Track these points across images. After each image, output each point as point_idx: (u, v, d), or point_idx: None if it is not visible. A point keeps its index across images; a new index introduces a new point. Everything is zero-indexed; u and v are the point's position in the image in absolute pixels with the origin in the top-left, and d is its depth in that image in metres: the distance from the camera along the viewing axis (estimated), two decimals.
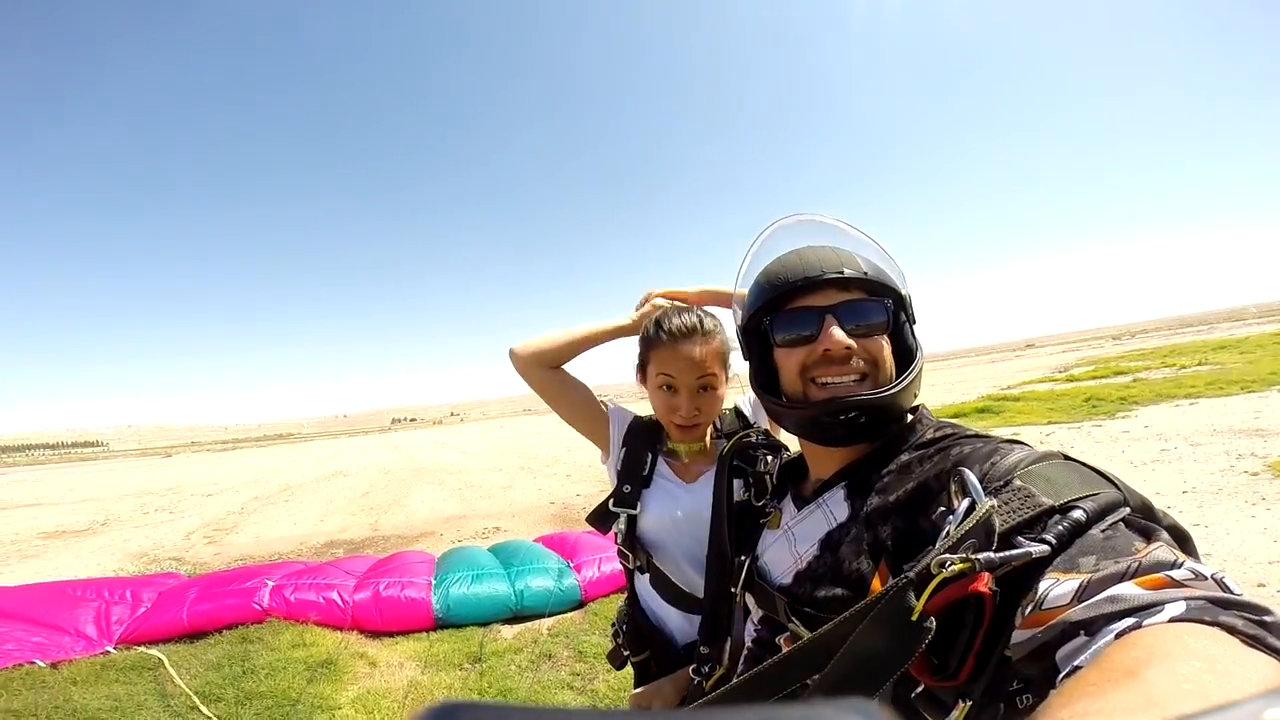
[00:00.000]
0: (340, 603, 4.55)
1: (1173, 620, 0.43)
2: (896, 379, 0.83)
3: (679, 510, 1.33)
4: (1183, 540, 0.58)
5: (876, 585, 0.73)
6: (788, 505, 0.96)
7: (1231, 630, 0.41)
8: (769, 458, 1.10)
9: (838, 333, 0.82)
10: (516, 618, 4.49)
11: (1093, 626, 0.47)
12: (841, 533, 0.81)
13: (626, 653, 1.40)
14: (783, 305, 0.89)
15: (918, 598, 0.57)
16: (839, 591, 0.77)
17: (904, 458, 0.80)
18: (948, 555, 0.56)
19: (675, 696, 1.19)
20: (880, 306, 0.85)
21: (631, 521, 1.36)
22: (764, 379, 0.94)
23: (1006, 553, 0.55)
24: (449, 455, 24.66)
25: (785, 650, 0.66)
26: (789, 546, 0.90)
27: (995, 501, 0.60)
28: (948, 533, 0.59)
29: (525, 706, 0.20)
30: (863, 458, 0.86)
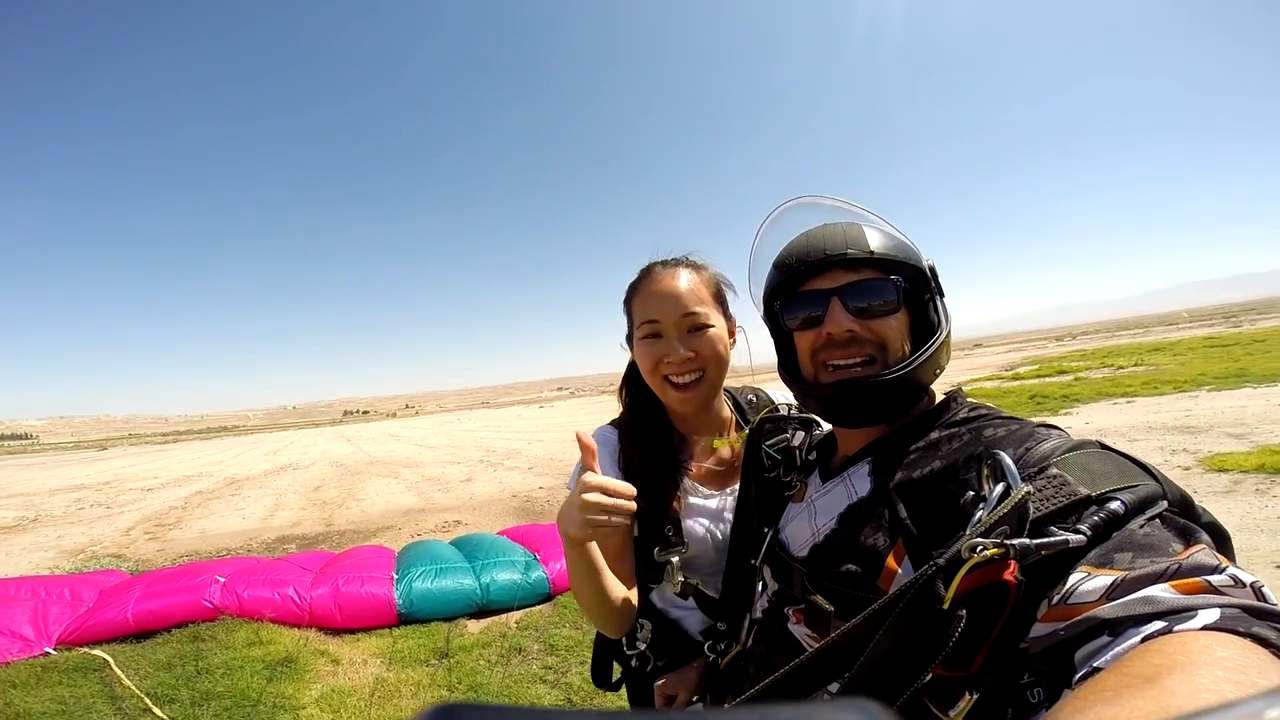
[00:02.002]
0: (297, 599, 4.39)
1: (1205, 628, 0.41)
2: (911, 356, 0.82)
3: (719, 531, 1.17)
4: (1221, 539, 0.57)
5: (891, 562, 0.72)
6: (814, 479, 0.96)
7: (1263, 642, 0.39)
8: (799, 432, 1.08)
9: (838, 316, 0.82)
10: (483, 612, 4.42)
11: (1119, 627, 0.45)
12: (861, 507, 0.81)
13: (660, 663, 1.20)
14: (794, 288, 0.89)
15: (946, 585, 0.55)
16: (851, 567, 0.77)
17: (934, 435, 0.80)
18: (980, 540, 0.54)
19: (698, 680, 1.15)
20: (888, 285, 0.83)
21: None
22: (786, 362, 0.94)
23: (1042, 540, 0.53)
24: (404, 448, 24.13)
25: (812, 650, 0.64)
26: (809, 519, 0.90)
27: (1031, 487, 0.58)
28: (980, 518, 0.58)
29: (525, 708, 0.19)
30: (891, 433, 0.85)
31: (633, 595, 1.10)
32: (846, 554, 0.79)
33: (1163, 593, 0.45)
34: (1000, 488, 0.60)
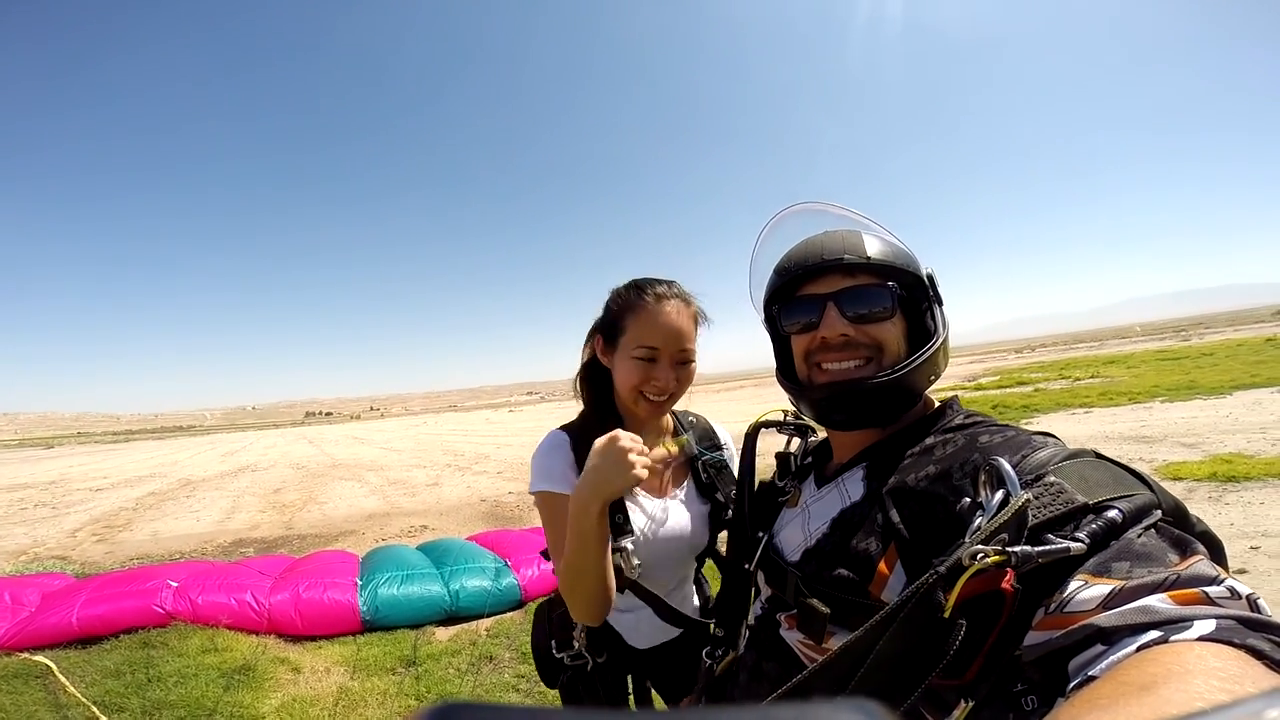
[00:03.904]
0: (255, 605, 4.22)
1: (1201, 639, 0.42)
2: (905, 360, 0.83)
3: (659, 530, 1.26)
4: (1215, 549, 0.57)
5: (883, 567, 0.73)
6: (809, 484, 0.96)
7: (1258, 654, 0.40)
8: (795, 438, 1.10)
9: (833, 320, 0.84)
10: (451, 619, 4.30)
11: (1114, 636, 0.46)
12: (854, 512, 0.81)
13: (600, 659, 1.32)
14: (793, 293, 0.90)
15: (946, 593, 0.56)
16: (843, 571, 0.77)
17: (928, 441, 0.80)
18: (980, 547, 0.54)
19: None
20: (884, 291, 0.84)
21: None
22: (784, 365, 0.96)
23: (1042, 547, 0.53)
24: (368, 451, 23.63)
25: (815, 664, 0.63)
26: (803, 524, 0.90)
27: (1030, 495, 0.58)
28: (979, 525, 0.58)
29: (526, 707, 0.19)
30: (885, 439, 0.85)
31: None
32: (838, 558, 0.79)
33: (1160, 603, 0.46)
34: (1000, 495, 0.60)
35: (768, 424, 1.14)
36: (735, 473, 1.34)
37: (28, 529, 9.95)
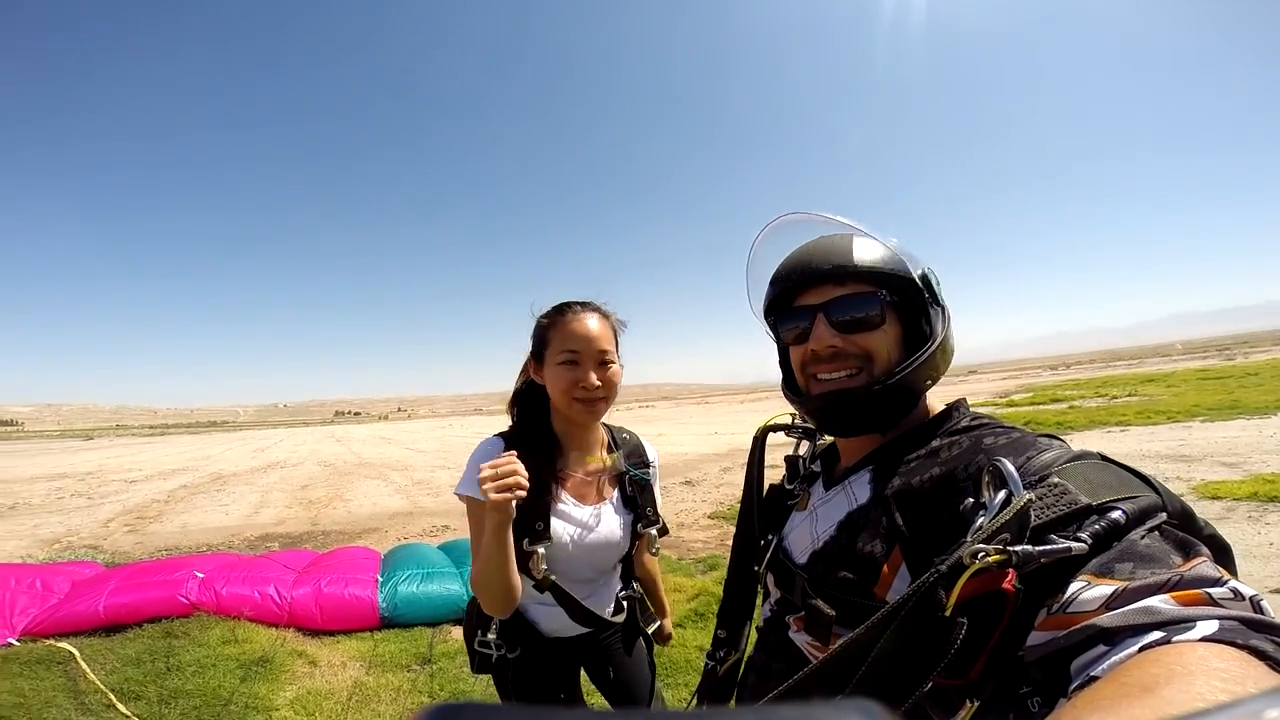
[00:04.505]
0: (277, 598, 4.26)
1: (1204, 639, 0.41)
2: (897, 367, 0.83)
3: (585, 538, 1.40)
4: (1222, 552, 0.56)
5: (888, 569, 0.73)
6: (817, 487, 0.97)
7: (1260, 655, 0.40)
8: (804, 442, 1.09)
9: (821, 331, 0.85)
10: None
11: (1117, 637, 0.45)
12: (860, 515, 0.82)
13: (511, 654, 1.42)
14: (788, 303, 0.92)
15: (948, 593, 0.55)
16: (848, 574, 0.78)
17: (934, 443, 0.81)
18: (982, 546, 0.54)
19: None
20: (872, 299, 0.84)
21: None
22: (787, 375, 0.97)
23: (1044, 547, 0.53)
24: (395, 451, 23.94)
25: (816, 661, 0.63)
26: (810, 526, 0.91)
27: (1033, 495, 0.57)
28: (981, 524, 0.58)
29: (526, 707, 0.19)
30: (892, 442, 0.86)
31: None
32: (844, 560, 0.80)
33: (1162, 604, 0.46)
34: (1002, 495, 0.59)
35: (776, 427, 1.14)
36: (655, 490, 1.55)
37: (63, 518, 10.25)
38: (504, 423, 1.55)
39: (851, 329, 0.84)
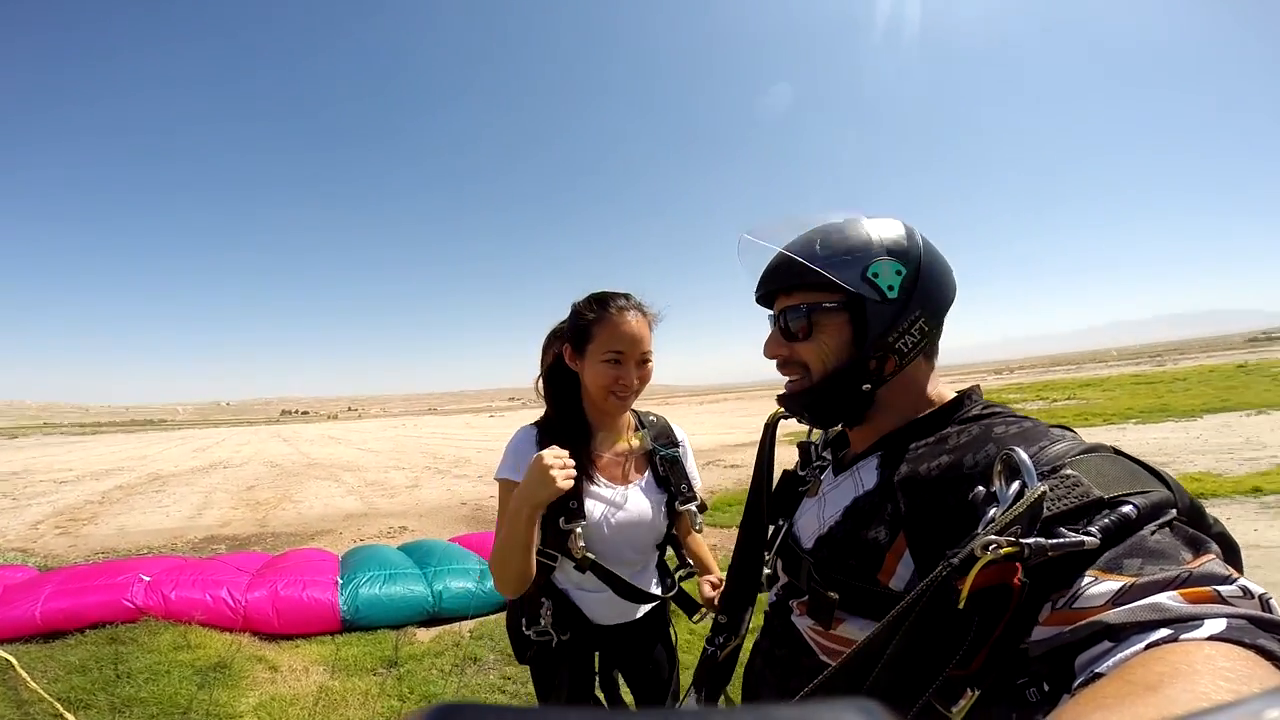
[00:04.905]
0: (231, 602, 4.07)
1: (1211, 638, 0.41)
2: (829, 372, 0.85)
3: (618, 514, 1.44)
4: (1230, 550, 0.57)
5: (891, 556, 0.74)
6: (828, 474, 0.98)
7: (1268, 655, 0.40)
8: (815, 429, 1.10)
9: (769, 343, 0.91)
10: (433, 620, 4.20)
11: (1123, 634, 0.45)
12: (866, 501, 0.82)
13: (564, 637, 1.44)
14: (770, 306, 0.95)
15: (959, 584, 0.55)
16: (851, 559, 0.79)
17: (944, 430, 0.80)
18: (994, 538, 0.54)
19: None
20: (798, 311, 0.86)
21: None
22: None
23: (1056, 540, 0.53)
24: (345, 451, 23.28)
25: (834, 665, 0.64)
26: (818, 512, 0.91)
27: (1046, 487, 0.57)
28: (993, 515, 0.57)
29: (526, 708, 0.19)
30: (901, 428, 0.86)
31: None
32: (849, 545, 0.80)
33: (1170, 601, 0.46)
34: (1016, 485, 0.59)
35: (786, 414, 1.15)
36: (688, 467, 1.58)
37: None
38: (459, 421, 1.58)
39: (791, 339, 0.88)
